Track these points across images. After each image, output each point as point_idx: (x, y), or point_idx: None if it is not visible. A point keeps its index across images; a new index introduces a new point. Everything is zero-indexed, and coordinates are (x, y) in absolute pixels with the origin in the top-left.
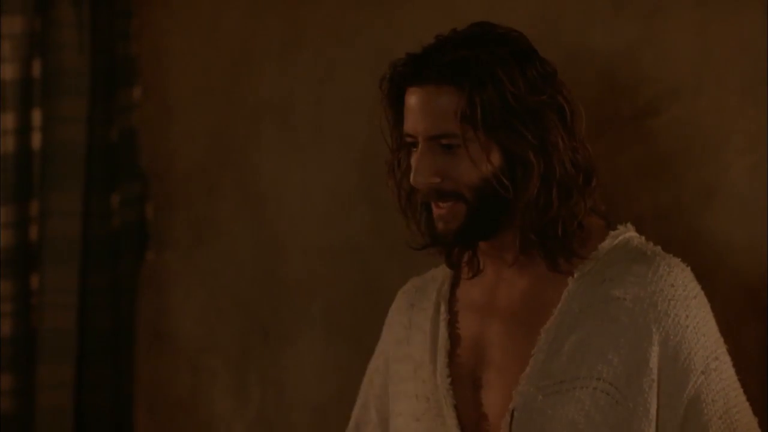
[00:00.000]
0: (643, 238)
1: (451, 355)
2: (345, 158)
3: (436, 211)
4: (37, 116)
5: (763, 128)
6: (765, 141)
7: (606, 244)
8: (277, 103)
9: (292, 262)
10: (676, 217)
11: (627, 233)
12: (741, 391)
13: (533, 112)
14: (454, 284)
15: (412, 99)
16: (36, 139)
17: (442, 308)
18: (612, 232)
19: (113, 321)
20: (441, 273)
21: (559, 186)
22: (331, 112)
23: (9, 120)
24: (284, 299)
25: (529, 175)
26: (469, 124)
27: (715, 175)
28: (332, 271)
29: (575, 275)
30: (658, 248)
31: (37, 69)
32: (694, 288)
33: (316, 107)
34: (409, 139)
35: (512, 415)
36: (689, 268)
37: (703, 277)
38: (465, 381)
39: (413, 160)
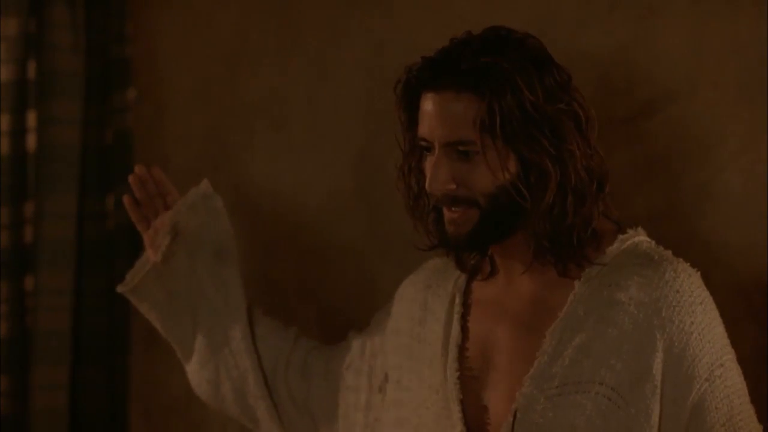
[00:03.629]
0: (654, 242)
1: (461, 349)
2: (339, 160)
3: (448, 215)
4: (32, 118)
5: (757, 130)
6: (759, 142)
7: (614, 248)
8: (271, 104)
9: (286, 265)
10: (671, 218)
11: (636, 237)
12: (747, 398)
13: (551, 120)
14: (470, 278)
15: (429, 104)
16: (31, 141)
17: (457, 300)
18: (621, 236)
19: (108, 323)
20: None
21: (574, 194)
22: (326, 113)
23: (4, 122)
24: (278, 301)
25: (546, 183)
26: (487, 132)
27: (710, 177)
28: (327, 273)
29: (582, 279)
30: (668, 253)
31: (32, 70)
32: (700, 294)
33: (310, 109)
34: (423, 144)
35: (514, 416)
36: (698, 272)
37: None
38: (472, 378)
39: (428, 165)
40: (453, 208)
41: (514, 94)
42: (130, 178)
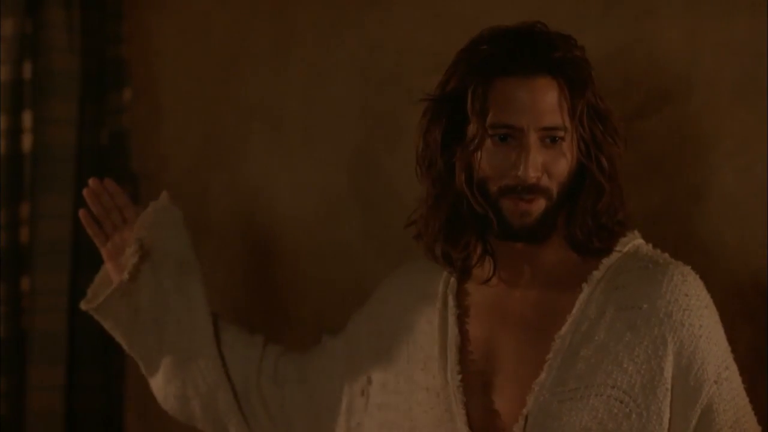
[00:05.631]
0: (650, 245)
1: (462, 351)
2: (335, 160)
3: (518, 206)
4: (27, 118)
5: (754, 130)
6: (756, 143)
7: (615, 251)
8: (267, 105)
9: (282, 265)
10: (667, 219)
11: (635, 240)
12: (747, 399)
13: (605, 113)
14: (461, 279)
15: (520, 89)
16: (27, 142)
17: (450, 302)
18: (622, 239)
19: None
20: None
21: (617, 183)
22: (322, 114)
23: (0, 122)
24: (274, 301)
25: (613, 169)
26: (574, 120)
27: (706, 177)
28: (322, 274)
29: (588, 282)
30: (667, 255)
31: (27, 71)
32: (705, 297)
33: (306, 109)
34: (503, 131)
35: (526, 420)
36: (698, 276)
37: None
38: (475, 380)
39: (521, 153)
40: (525, 198)
41: (591, 85)
42: (85, 192)
